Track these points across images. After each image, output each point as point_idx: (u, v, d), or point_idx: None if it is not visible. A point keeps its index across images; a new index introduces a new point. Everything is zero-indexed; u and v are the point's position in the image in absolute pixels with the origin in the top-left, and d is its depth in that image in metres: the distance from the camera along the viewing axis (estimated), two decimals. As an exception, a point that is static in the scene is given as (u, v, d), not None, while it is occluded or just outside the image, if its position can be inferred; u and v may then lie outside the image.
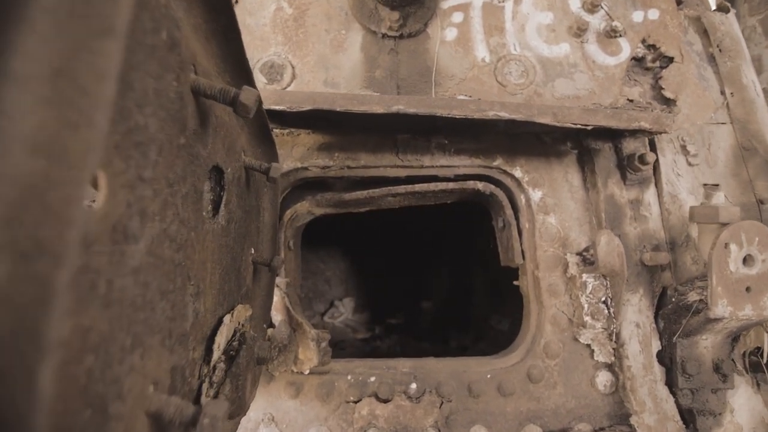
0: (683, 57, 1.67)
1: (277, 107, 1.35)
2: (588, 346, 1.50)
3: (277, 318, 1.45)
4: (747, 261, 1.27)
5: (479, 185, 1.62)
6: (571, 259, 1.54)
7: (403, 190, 1.59)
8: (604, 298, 1.48)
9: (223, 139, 0.81)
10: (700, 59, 1.80)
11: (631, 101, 1.66)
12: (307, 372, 1.41)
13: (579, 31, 1.68)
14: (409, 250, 3.32)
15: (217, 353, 0.80)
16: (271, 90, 1.53)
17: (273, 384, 1.46)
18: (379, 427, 1.41)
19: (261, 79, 1.62)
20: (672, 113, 1.55)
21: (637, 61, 1.71)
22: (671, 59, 1.67)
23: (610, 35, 1.68)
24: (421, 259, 3.34)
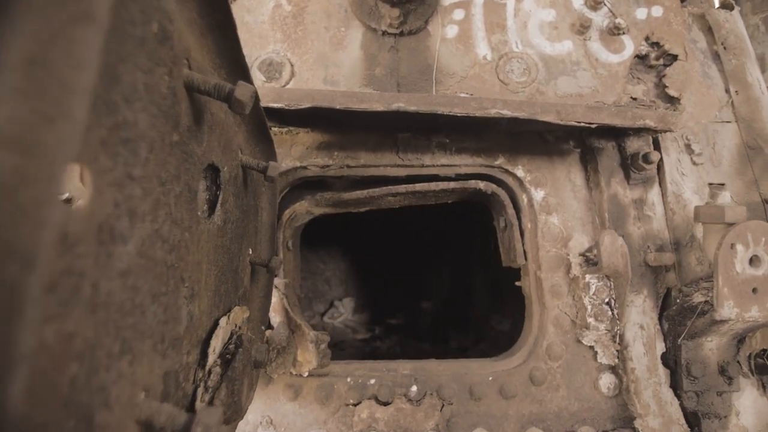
0: (687, 55, 1.65)
1: (276, 105, 1.33)
2: (591, 347, 1.47)
3: (276, 319, 1.43)
4: (753, 262, 1.25)
5: (481, 185, 1.60)
6: (574, 259, 1.52)
7: (403, 189, 1.57)
8: (607, 300, 1.46)
9: (219, 136, 0.79)
10: (705, 57, 1.77)
11: (635, 99, 1.63)
12: (306, 374, 1.39)
13: (582, 28, 1.66)
14: (410, 250, 3.30)
15: (212, 357, 0.78)
16: (270, 88, 1.51)
17: (271, 386, 1.44)
18: (379, 431, 1.39)
19: (259, 77, 1.60)
20: (676, 111, 1.52)
21: (640, 58, 1.68)
22: (675, 57, 1.65)
23: (613, 32, 1.66)
24: (421, 259, 3.32)
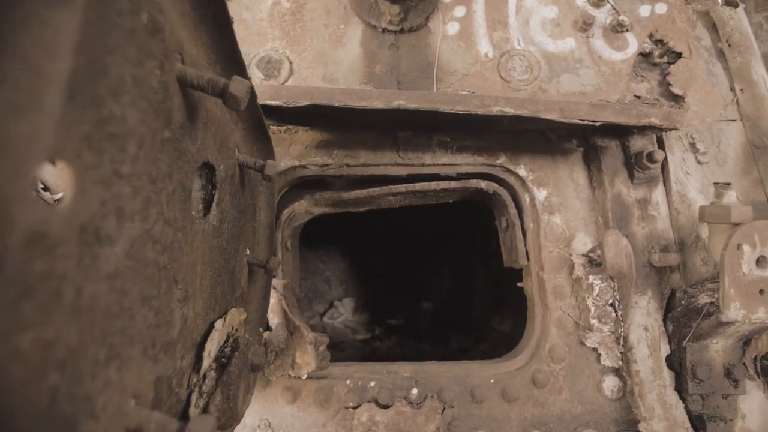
0: (691, 52, 1.62)
1: (274, 102, 1.31)
2: (594, 350, 1.45)
3: (274, 321, 1.40)
4: (760, 262, 1.22)
5: (482, 184, 1.57)
6: (577, 260, 1.50)
7: (403, 189, 1.54)
8: (611, 301, 1.43)
9: (215, 134, 0.77)
10: (709, 55, 1.75)
11: (638, 97, 1.61)
12: (304, 376, 1.37)
13: (585, 25, 1.64)
14: (410, 250, 3.28)
15: (207, 361, 0.76)
16: (268, 85, 1.49)
17: (269, 389, 1.42)
18: (379, 434, 1.37)
19: (258, 75, 1.58)
20: (681, 110, 1.50)
21: (644, 56, 1.66)
22: (679, 54, 1.63)
23: (616, 30, 1.63)
24: (421, 258, 3.29)
